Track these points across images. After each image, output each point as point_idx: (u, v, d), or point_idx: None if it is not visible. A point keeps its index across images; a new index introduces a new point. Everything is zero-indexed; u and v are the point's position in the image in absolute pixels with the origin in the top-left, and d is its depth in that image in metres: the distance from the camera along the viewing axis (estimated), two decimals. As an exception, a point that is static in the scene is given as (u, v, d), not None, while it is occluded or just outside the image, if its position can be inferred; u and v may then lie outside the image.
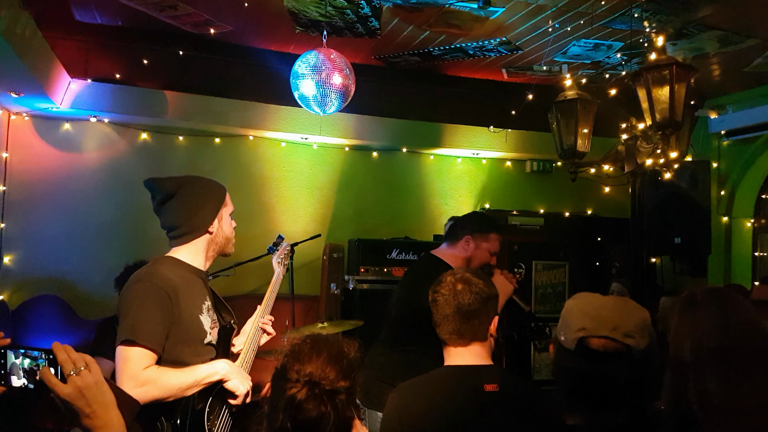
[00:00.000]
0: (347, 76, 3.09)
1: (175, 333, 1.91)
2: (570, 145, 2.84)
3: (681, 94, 2.31)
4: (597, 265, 4.64)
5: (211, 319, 2.06)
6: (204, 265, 2.11)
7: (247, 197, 4.30)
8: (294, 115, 4.08)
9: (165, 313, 1.88)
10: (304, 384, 1.22)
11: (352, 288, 4.05)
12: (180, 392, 1.84)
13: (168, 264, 2.01)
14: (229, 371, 1.94)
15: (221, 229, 2.11)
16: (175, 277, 1.96)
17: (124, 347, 1.83)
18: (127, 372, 1.81)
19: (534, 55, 3.84)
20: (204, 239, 2.08)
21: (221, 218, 2.11)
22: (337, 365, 1.24)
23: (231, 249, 2.18)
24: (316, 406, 1.20)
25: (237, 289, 3.98)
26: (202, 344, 2.00)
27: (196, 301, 2.01)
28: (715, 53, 3.63)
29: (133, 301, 1.89)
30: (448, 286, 1.79)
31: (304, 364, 1.23)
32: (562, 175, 4.85)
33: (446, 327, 1.77)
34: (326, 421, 1.20)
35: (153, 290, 1.89)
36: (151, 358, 1.85)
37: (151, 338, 1.84)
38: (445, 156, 4.77)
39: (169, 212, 2.04)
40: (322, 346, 1.27)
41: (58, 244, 3.88)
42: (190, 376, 1.85)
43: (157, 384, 1.81)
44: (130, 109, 3.79)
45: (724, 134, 4.50)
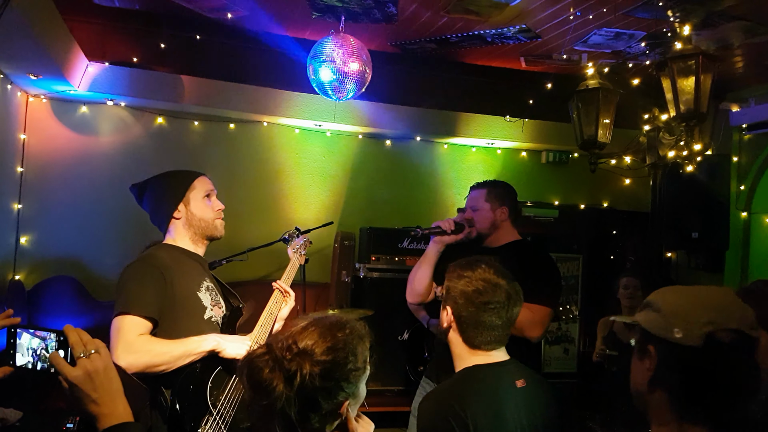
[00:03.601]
0: (364, 62, 3.06)
1: (171, 309, 1.98)
2: (590, 135, 2.79)
3: (707, 85, 2.26)
4: (611, 258, 4.59)
5: (211, 298, 2.13)
6: (194, 248, 2.20)
7: (260, 183, 4.29)
8: (308, 101, 4.06)
9: (158, 287, 1.97)
10: (265, 347, 1.20)
11: (362, 276, 4.04)
12: (172, 361, 1.89)
13: (162, 248, 2.15)
14: (221, 342, 1.98)
15: (191, 213, 2.18)
16: (169, 258, 2.07)
17: (117, 318, 1.90)
18: (120, 339, 1.86)
19: (554, 43, 3.78)
20: (175, 224, 2.18)
21: (189, 202, 2.19)
22: (317, 339, 1.19)
23: (218, 231, 2.23)
24: (264, 367, 1.16)
25: (249, 274, 3.99)
26: (202, 319, 2.06)
27: (192, 279, 2.09)
28: (739, 45, 3.55)
29: (126, 280, 2.00)
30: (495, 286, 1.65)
31: (286, 336, 1.21)
32: (578, 167, 4.80)
33: (490, 335, 1.66)
34: (269, 385, 1.15)
35: (144, 267, 2.01)
36: (144, 326, 1.91)
37: (143, 308, 1.91)
38: (460, 145, 4.72)
39: (147, 209, 2.24)
40: (314, 323, 1.23)
41: (74, 225, 3.90)
42: (181, 346, 1.91)
43: (148, 351, 1.86)
44: (146, 93, 3.78)
45: (746, 128, 4.40)
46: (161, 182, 2.24)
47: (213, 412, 1.93)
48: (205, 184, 2.26)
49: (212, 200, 2.25)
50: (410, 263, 4.08)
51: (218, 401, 1.97)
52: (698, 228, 4.15)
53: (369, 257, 4.07)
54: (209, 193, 2.25)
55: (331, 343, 1.19)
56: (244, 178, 4.25)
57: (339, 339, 1.20)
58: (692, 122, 2.28)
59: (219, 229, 2.24)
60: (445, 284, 1.76)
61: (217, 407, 1.95)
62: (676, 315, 1.14)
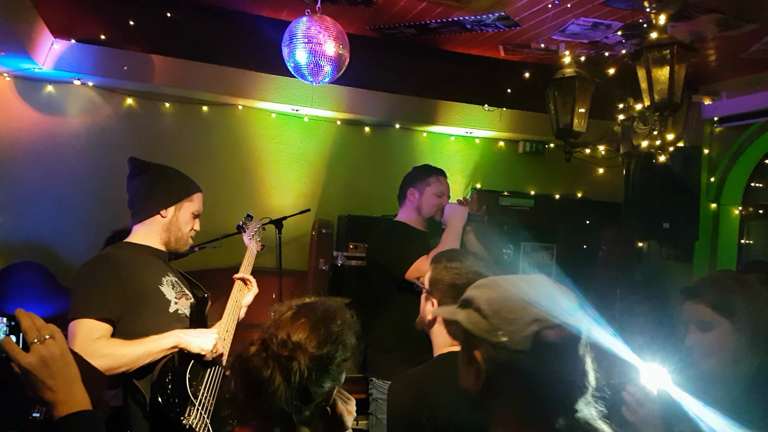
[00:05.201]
0: (341, 44, 3.01)
1: (132, 306, 1.94)
2: (566, 124, 2.80)
3: (681, 75, 2.28)
4: (585, 247, 4.65)
5: (175, 291, 2.09)
6: (160, 247, 2.16)
7: (235, 169, 4.22)
8: (285, 85, 3.99)
9: (113, 287, 1.92)
10: (258, 344, 1.18)
11: (340, 264, 4.01)
12: (132, 362, 1.86)
13: (119, 247, 2.11)
14: (183, 338, 1.95)
15: (176, 220, 2.15)
16: (125, 255, 2.03)
17: (73, 323, 1.85)
18: (76, 345, 1.81)
19: (532, 32, 3.78)
20: (156, 221, 2.13)
21: (180, 209, 2.16)
22: (310, 332, 1.18)
23: (183, 248, 2.22)
24: (263, 367, 1.14)
25: (224, 261, 3.93)
26: (167, 313, 2.03)
27: (152, 274, 2.06)
28: (713, 37, 3.59)
29: (80, 281, 1.94)
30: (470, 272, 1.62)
31: (278, 328, 1.19)
32: (554, 157, 4.83)
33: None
34: (270, 384, 1.13)
35: (97, 268, 1.96)
36: (101, 329, 1.86)
37: (99, 310, 1.87)
38: (439, 134, 4.71)
39: (132, 189, 2.18)
40: (303, 313, 1.22)
41: (41, 209, 3.79)
42: (140, 347, 1.88)
43: (106, 355, 1.82)
44: (115, 72, 3.67)
45: (717, 121, 4.49)
46: (165, 175, 2.21)
47: (194, 402, 1.92)
48: (199, 203, 2.26)
49: (196, 221, 2.25)
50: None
51: (198, 391, 1.95)
52: (669, 218, 4.22)
53: (347, 245, 4.04)
54: (198, 215, 2.25)
55: (324, 336, 1.18)
56: (218, 163, 4.17)
57: (332, 331, 1.20)
58: (666, 112, 2.31)
59: (186, 247, 2.24)
60: (431, 275, 1.71)
61: (197, 397, 1.93)
62: (499, 316, 1.02)
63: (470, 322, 1.05)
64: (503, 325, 1.01)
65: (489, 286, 1.09)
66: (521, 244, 4.52)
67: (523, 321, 1.00)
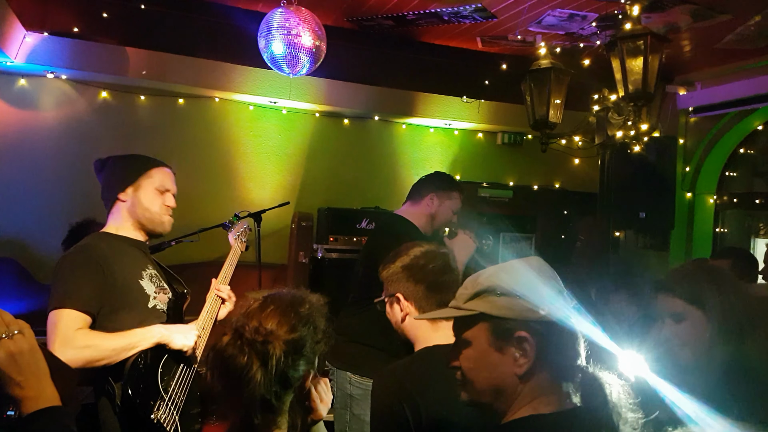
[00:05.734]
0: (318, 35, 2.99)
1: (111, 300, 1.91)
2: (542, 115, 2.82)
3: (654, 66, 2.30)
4: (563, 237, 4.70)
5: (155, 285, 2.06)
6: (136, 236, 2.11)
7: (213, 162, 4.18)
8: (263, 77, 3.95)
9: (96, 279, 1.89)
10: (231, 334, 1.18)
11: (320, 257, 4.01)
12: (114, 355, 1.84)
13: (99, 237, 2.05)
14: (166, 334, 1.94)
15: (138, 200, 2.08)
16: (107, 247, 1.99)
17: (53, 312, 1.82)
18: (57, 335, 1.79)
19: (509, 24, 3.79)
20: (122, 208, 2.08)
21: (139, 189, 2.08)
22: (281, 317, 1.18)
23: (161, 228, 2.12)
24: (238, 354, 1.14)
25: (201, 255, 3.90)
26: (146, 308, 2.00)
27: (133, 268, 2.02)
28: (687, 28, 3.64)
29: (62, 272, 1.90)
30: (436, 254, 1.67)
31: (248, 318, 1.19)
32: (532, 148, 4.86)
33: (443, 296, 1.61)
34: (248, 372, 1.12)
35: (82, 259, 1.92)
36: (83, 320, 1.84)
37: (81, 302, 1.84)
38: (418, 126, 4.71)
39: (101, 184, 2.15)
40: (270, 301, 1.23)
41: (14, 204, 3.72)
42: (123, 339, 1.86)
43: (88, 346, 1.80)
44: (89, 65, 3.61)
45: (692, 111, 4.55)
46: (120, 161, 2.16)
47: (165, 397, 1.90)
48: (164, 178, 2.14)
49: (166, 196, 2.13)
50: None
51: (169, 386, 1.93)
52: (645, 208, 4.28)
53: (327, 238, 4.04)
54: (165, 189, 2.13)
55: (295, 320, 1.19)
56: (195, 156, 4.13)
57: (302, 315, 1.21)
58: (640, 102, 2.33)
59: (164, 226, 2.12)
60: (384, 276, 1.72)
61: (168, 392, 1.92)
62: (534, 294, 1.11)
63: (502, 307, 1.11)
64: (541, 299, 1.10)
65: (503, 271, 1.16)
66: (501, 234, 4.56)
67: (551, 293, 1.12)
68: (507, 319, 1.10)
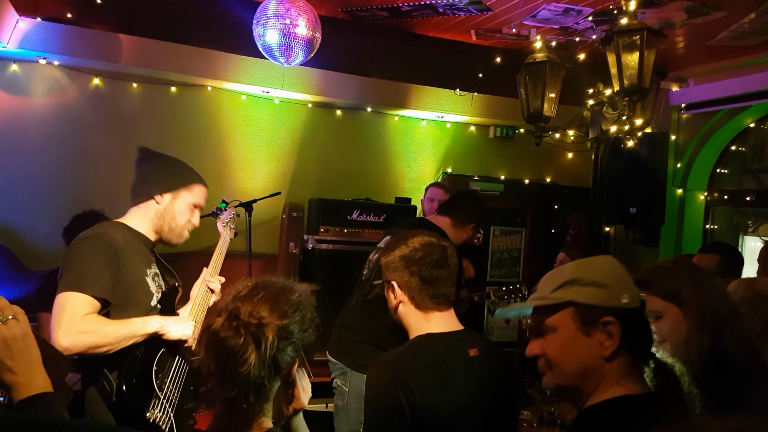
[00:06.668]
0: (313, 25, 2.97)
1: (120, 293, 1.90)
2: (536, 108, 2.82)
3: (650, 61, 2.31)
4: (553, 232, 4.73)
5: (156, 285, 2.06)
6: (150, 235, 2.09)
7: (204, 151, 4.15)
8: (256, 66, 3.93)
9: (112, 268, 1.87)
10: (225, 315, 1.19)
11: (311, 248, 4.00)
12: (116, 342, 1.82)
13: (115, 227, 2.03)
14: (164, 324, 1.92)
15: (172, 208, 2.07)
16: (121, 238, 1.97)
17: (64, 293, 1.80)
18: (64, 317, 1.77)
19: (504, 17, 3.78)
20: (150, 206, 2.06)
21: (177, 198, 2.08)
22: (272, 303, 1.20)
23: (178, 241, 2.13)
24: (234, 335, 1.15)
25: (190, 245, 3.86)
26: (149, 306, 2.00)
27: (141, 264, 2.01)
28: (681, 24, 3.65)
29: (79, 255, 1.88)
30: (435, 247, 1.71)
31: (237, 302, 1.21)
32: (524, 142, 4.87)
33: (436, 290, 1.68)
34: (243, 352, 1.14)
35: (100, 245, 1.90)
36: (92, 305, 1.82)
37: (96, 287, 1.82)
38: (410, 118, 4.70)
39: (136, 175, 2.11)
40: (261, 287, 1.24)
41: (5, 192, 3.68)
42: (125, 327, 1.85)
43: (93, 332, 1.78)
44: (81, 51, 3.57)
45: (684, 107, 4.57)
46: (169, 163, 2.15)
47: (159, 395, 1.89)
48: (202, 196, 2.16)
49: (195, 213, 2.15)
50: (359, 235, 4.06)
51: (164, 384, 1.92)
52: (636, 203, 4.31)
53: (318, 229, 4.03)
54: (198, 207, 2.15)
55: (286, 306, 1.21)
56: (186, 145, 4.09)
57: (292, 302, 1.23)
58: (635, 97, 2.34)
59: (181, 240, 2.13)
60: (383, 262, 1.76)
61: (163, 390, 1.91)
62: (616, 283, 1.23)
63: (590, 296, 1.23)
64: (622, 289, 1.22)
65: (585, 265, 1.29)
66: (491, 228, 4.58)
67: (629, 284, 1.24)
68: (594, 306, 1.21)
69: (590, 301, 1.21)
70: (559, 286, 1.26)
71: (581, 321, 1.22)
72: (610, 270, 1.26)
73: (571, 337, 1.23)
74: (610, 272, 1.25)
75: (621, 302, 1.21)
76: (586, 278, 1.24)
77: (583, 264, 1.30)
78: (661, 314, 1.60)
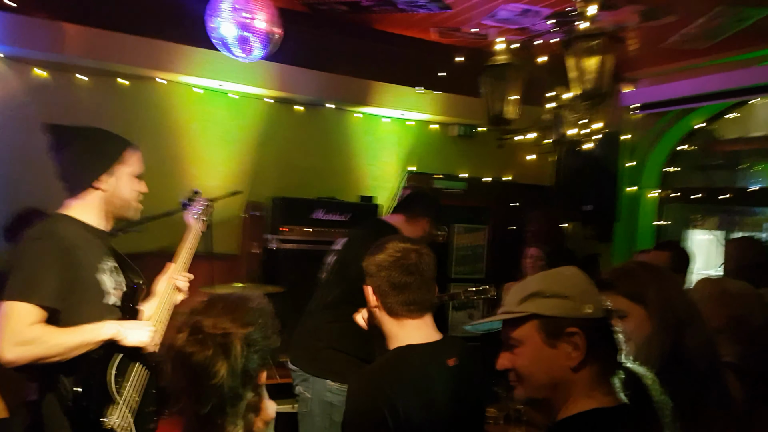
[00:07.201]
0: (272, 19, 2.90)
1: (72, 293, 1.82)
2: (499, 111, 2.84)
3: (609, 65, 2.35)
4: (513, 229, 4.80)
5: (114, 280, 1.97)
6: (102, 224, 1.99)
7: (157, 146, 3.98)
8: (211, 59, 3.78)
9: (62, 272, 1.79)
10: (188, 331, 1.16)
11: (274, 248, 3.92)
12: (66, 352, 1.75)
13: (64, 222, 1.92)
14: (120, 330, 1.85)
15: (114, 188, 1.98)
16: (71, 234, 1.87)
17: (10, 302, 1.72)
18: (7, 328, 1.69)
19: (463, 16, 3.79)
20: (95, 196, 1.96)
21: (114, 176, 1.98)
22: (232, 314, 1.19)
23: (132, 214, 2.05)
24: (201, 349, 1.13)
25: (146, 246, 3.74)
26: (102, 305, 1.91)
27: (94, 261, 1.92)
28: (634, 27, 3.74)
29: (26, 258, 1.79)
30: (409, 252, 1.70)
31: (197, 316, 1.19)
32: (484, 140, 4.90)
33: (407, 296, 1.67)
34: (212, 365, 1.12)
35: (49, 247, 1.81)
36: (39, 315, 1.74)
37: (41, 296, 1.74)
38: (372, 115, 4.66)
39: (60, 163, 1.97)
40: (217, 300, 1.24)
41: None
42: (76, 336, 1.77)
43: (40, 343, 1.71)
44: (22, 41, 3.36)
45: (636, 108, 4.70)
46: (89, 140, 2.00)
47: (119, 401, 1.82)
48: (137, 162, 2.06)
49: (139, 181, 2.06)
50: (324, 235, 3.99)
51: (123, 389, 1.86)
52: (591, 201, 4.43)
53: (281, 228, 3.95)
54: (139, 175, 2.06)
55: (247, 315, 1.21)
56: (139, 140, 3.83)
57: (252, 310, 1.22)
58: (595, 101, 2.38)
59: (136, 213, 2.06)
60: (363, 265, 1.77)
61: (122, 395, 1.84)
62: (580, 294, 1.25)
63: (553, 308, 1.23)
64: (585, 299, 1.24)
65: (548, 277, 1.31)
66: (454, 225, 4.62)
67: (593, 294, 1.26)
68: (557, 317, 1.22)
69: (553, 312, 1.23)
70: (523, 298, 1.27)
71: (546, 333, 1.24)
72: (573, 281, 1.28)
73: (538, 350, 1.24)
74: (573, 283, 1.27)
75: (584, 312, 1.23)
76: (549, 290, 1.26)
77: (547, 276, 1.32)
78: (626, 314, 1.65)
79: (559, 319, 1.22)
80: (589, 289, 1.27)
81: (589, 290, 1.27)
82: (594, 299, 1.25)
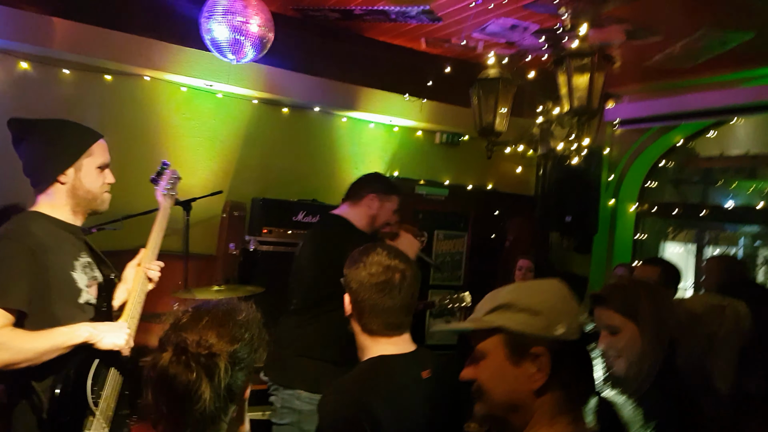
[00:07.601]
0: (265, 23, 2.89)
1: (42, 295, 1.77)
2: (489, 123, 2.88)
3: (599, 83, 2.40)
4: (493, 237, 4.85)
5: (88, 277, 1.91)
6: (73, 219, 1.94)
7: (140, 143, 3.93)
8: (199, 59, 3.76)
9: (29, 272, 1.74)
10: (171, 349, 1.11)
11: (253, 249, 3.88)
12: (36, 357, 1.69)
13: (33, 219, 1.87)
14: (95, 333, 1.79)
15: (80, 181, 1.92)
16: (42, 233, 1.82)
17: None
18: None
19: (454, 28, 3.83)
20: (60, 190, 1.90)
21: (81, 170, 1.93)
22: (219, 328, 1.13)
23: (102, 206, 2.00)
24: (184, 371, 1.08)
25: (126, 243, 3.67)
26: (77, 304, 1.86)
27: (67, 258, 1.87)
28: (619, 45, 3.81)
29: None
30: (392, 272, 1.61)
31: (180, 331, 1.13)
32: (468, 149, 4.96)
33: (386, 320, 1.61)
34: (197, 389, 1.07)
35: (16, 248, 1.75)
36: (6, 318, 1.69)
37: (9, 299, 1.69)
38: (358, 120, 4.67)
39: (24, 157, 1.92)
40: (203, 312, 1.17)
41: None
42: (47, 340, 1.71)
43: (8, 348, 1.66)
44: (8, 33, 3.29)
45: (618, 123, 4.79)
46: (53, 133, 1.94)
47: (95, 411, 1.77)
48: (104, 153, 2.00)
49: (106, 173, 2.00)
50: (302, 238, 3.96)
51: (100, 398, 1.80)
52: (572, 212, 4.50)
53: (260, 229, 3.92)
54: (106, 165, 1.99)
55: (235, 329, 1.15)
56: (121, 137, 3.85)
57: (240, 322, 1.17)
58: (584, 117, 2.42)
59: (105, 204, 2.01)
60: (344, 272, 1.70)
61: (98, 404, 1.79)
62: (553, 312, 1.13)
63: (520, 323, 1.13)
64: (559, 319, 1.12)
65: (524, 289, 1.21)
66: (435, 231, 4.64)
67: (570, 314, 1.13)
68: (523, 334, 1.12)
69: (520, 328, 1.12)
70: (492, 309, 1.18)
71: (510, 349, 1.13)
72: (549, 296, 1.16)
73: (500, 366, 1.14)
74: (549, 299, 1.15)
75: (554, 333, 1.11)
76: (520, 303, 1.15)
77: (521, 288, 1.23)
78: (618, 329, 1.67)
79: (525, 336, 1.11)
80: (564, 308, 1.14)
81: (564, 309, 1.14)
82: (569, 319, 1.12)
